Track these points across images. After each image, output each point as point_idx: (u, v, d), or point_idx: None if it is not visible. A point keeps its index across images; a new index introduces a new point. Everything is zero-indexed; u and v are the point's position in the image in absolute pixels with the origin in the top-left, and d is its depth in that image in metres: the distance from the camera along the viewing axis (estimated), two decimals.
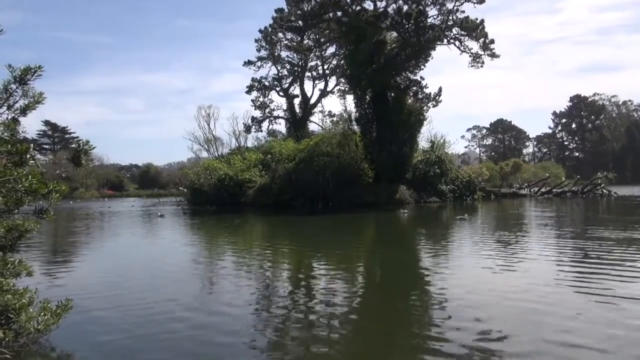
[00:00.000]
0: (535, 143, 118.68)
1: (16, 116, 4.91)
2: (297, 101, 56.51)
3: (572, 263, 9.55)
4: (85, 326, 5.85)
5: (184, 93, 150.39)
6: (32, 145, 4.78)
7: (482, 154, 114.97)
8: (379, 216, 24.71)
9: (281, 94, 57.01)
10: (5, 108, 4.84)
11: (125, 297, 7.42)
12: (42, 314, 4.83)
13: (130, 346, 5.17)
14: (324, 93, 56.98)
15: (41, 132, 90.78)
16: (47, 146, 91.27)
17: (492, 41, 35.42)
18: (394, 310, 6.61)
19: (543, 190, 47.26)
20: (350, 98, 41.91)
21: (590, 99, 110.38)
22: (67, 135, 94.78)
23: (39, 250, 13.49)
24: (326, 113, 56.38)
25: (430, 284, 8.17)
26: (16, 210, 4.76)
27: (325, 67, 56.81)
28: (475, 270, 9.02)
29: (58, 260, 12.43)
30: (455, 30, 35.59)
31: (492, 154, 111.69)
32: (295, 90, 56.90)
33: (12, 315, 4.60)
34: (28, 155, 4.59)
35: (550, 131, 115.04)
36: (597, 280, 7.77)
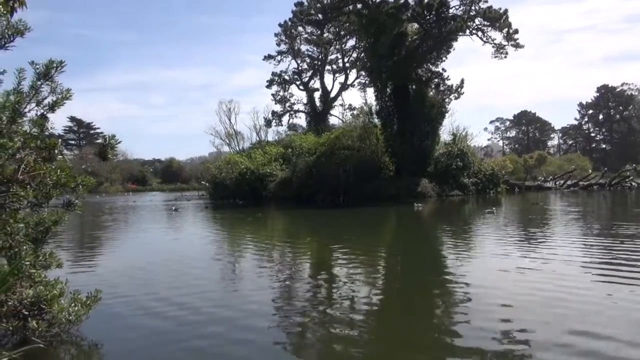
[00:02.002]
0: (560, 135, 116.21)
1: (45, 112, 5.02)
2: (317, 95, 56.52)
3: (598, 258, 9.31)
4: (112, 317, 5.97)
5: (205, 88, 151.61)
6: (60, 140, 4.88)
7: (505, 147, 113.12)
8: (399, 210, 24.54)
9: (301, 87, 57.05)
10: (34, 104, 4.94)
11: (149, 290, 7.53)
12: (72, 304, 4.95)
13: (154, 338, 5.27)
14: (344, 86, 56.82)
15: (67, 128, 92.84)
16: (73, 142, 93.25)
17: (516, 31, 34.75)
18: (416, 305, 6.56)
19: (569, 183, 46.34)
20: (370, 91, 41.76)
21: (618, 89, 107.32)
22: (92, 131, 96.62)
23: (66, 243, 13.82)
24: (346, 106, 56.30)
25: (452, 277, 8.09)
26: (45, 204, 4.87)
27: (346, 60, 56.65)
28: (498, 264, 8.87)
29: (85, 252, 12.72)
30: (478, 21, 35.00)
31: (516, 146, 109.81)
32: (316, 83, 56.91)
33: (44, 306, 4.73)
34: (56, 150, 4.70)
35: (576, 123, 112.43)
36: (624, 274, 7.59)
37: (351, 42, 54.34)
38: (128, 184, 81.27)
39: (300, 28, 53.86)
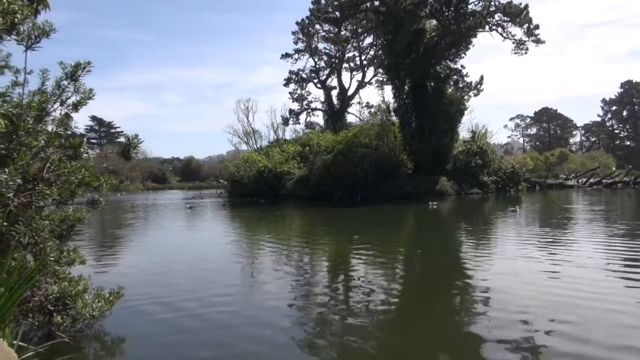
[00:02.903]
0: (582, 132, 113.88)
1: (69, 112, 5.11)
2: (334, 93, 56.49)
3: (622, 259, 9.10)
4: (134, 313, 6.06)
5: (222, 87, 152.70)
6: (85, 139, 4.97)
7: (526, 144, 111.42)
8: (416, 208, 24.34)
9: (319, 85, 57.05)
10: (58, 104, 5.04)
11: (169, 287, 7.65)
12: (96, 300, 5.05)
13: (175, 334, 5.35)
14: (361, 84, 56.63)
15: (88, 127, 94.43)
16: (94, 140, 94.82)
17: (537, 26, 34.13)
18: (435, 307, 6.49)
19: (592, 181, 45.43)
20: (388, 89, 41.42)
21: None
22: (113, 130, 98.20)
23: (87, 240, 14.07)
24: (364, 104, 56.01)
25: (471, 279, 8.00)
26: (70, 201, 4.97)
27: (363, 57, 56.43)
28: (519, 266, 8.74)
29: (105, 250, 12.94)
30: (497, 16, 34.45)
31: (537, 143, 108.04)
32: (333, 81, 56.86)
33: (69, 302, 4.83)
34: (82, 149, 4.79)
35: (599, 119, 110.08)
36: None
37: (369, 40, 54.21)
38: (148, 182, 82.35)
39: (317, 26, 53.81)
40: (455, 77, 36.35)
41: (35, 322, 4.81)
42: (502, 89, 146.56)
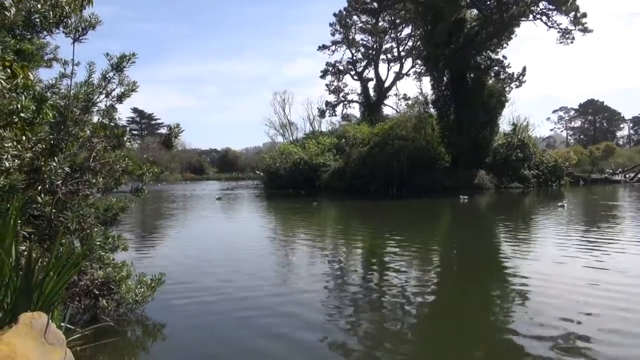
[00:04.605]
0: (631, 125, 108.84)
1: (113, 103, 5.25)
2: (371, 84, 56.03)
3: None
4: (174, 299, 6.21)
5: (258, 79, 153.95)
6: (128, 129, 5.12)
7: (569, 137, 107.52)
8: (451, 202, 23.86)
9: (355, 77, 56.73)
10: (103, 96, 5.18)
11: (208, 275, 7.81)
12: (138, 286, 5.20)
13: (214, 318, 5.49)
14: (399, 76, 55.95)
15: (130, 119, 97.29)
16: (135, 132, 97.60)
17: (584, 14, 32.69)
18: (470, 305, 6.30)
19: None
20: (426, 80, 40.87)
21: None
22: (153, 122, 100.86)
23: (128, 228, 14.52)
24: (401, 96, 55.40)
25: (508, 277, 7.77)
26: (115, 190, 5.12)
27: (401, 49, 55.71)
28: (559, 265, 8.41)
29: (146, 238, 13.32)
30: (542, 5, 33.21)
31: (581, 137, 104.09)
32: (370, 73, 56.40)
33: (113, 287, 5.00)
34: (124, 138, 4.92)
35: None
36: None
37: (407, 31, 53.34)
38: (186, 173, 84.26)
39: (355, 17, 53.37)
40: (496, 68, 35.36)
41: (81, 305, 5.00)
42: (545, 81, 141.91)
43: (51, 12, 4.19)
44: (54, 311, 4.00)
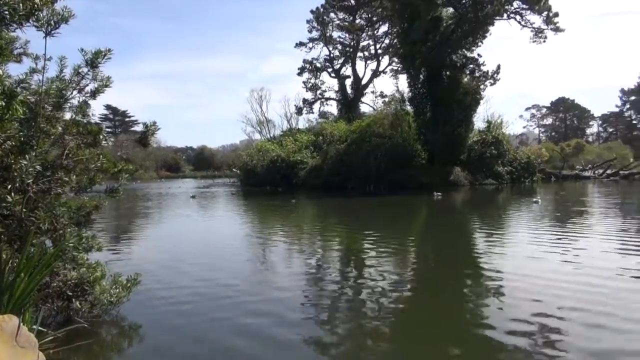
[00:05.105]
0: (600, 122, 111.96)
1: (87, 99, 5.12)
2: (348, 82, 56.13)
3: (634, 254, 8.84)
4: (149, 299, 6.10)
5: (236, 76, 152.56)
6: (104, 126, 5.00)
7: (541, 134, 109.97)
8: (427, 199, 24.11)
9: (332, 75, 56.76)
10: (76, 91, 5.05)
11: (184, 274, 7.71)
12: (114, 287, 5.09)
13: (190, 319, 5.38)
14: (376, 73, 56.19)
15: (103, 116, 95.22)
16: (109, 129, 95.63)
17: (557, 14, 33.39)
18: (446, 301, 6.36)
19: (608, 172, 44.75)
20: (403, 78, 41.08)
21: None
22: (127, 119, 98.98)
23: (103, 228, 14.23)
24: (378, 94, 55.58)
25: (483, 273, 7.90)
26: (89, 189, 5.00)
27: (378, 46, 55.90)
28: (531, 260, 8.57)
29: (119, 237, 13.09)
30: (516, 4, 33.80)
31: (553, 134, 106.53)
32: (347, 71, 56.51)
33: (87, 288, 4.88)
34: (101, 136, 4.80)
35: (617, 110, 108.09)
36: None
37: (384, 28, 53.54)
38: (162, 171, 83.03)
39: (332, 14, 53.46)
40: (471, 66, 35.83)
41: (54, 307, 4.87)
42: (519, 79, 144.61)
43: (21, 5, 4.04)
44: (26, 313, 3.89)
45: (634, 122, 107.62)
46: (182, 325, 5.17)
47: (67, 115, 5.08)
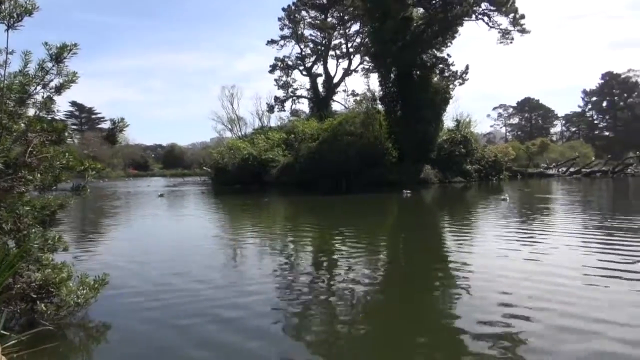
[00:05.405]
0: (563, 122, 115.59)
1: (51, 95, 4.96)
2: (320, 80, 56.19)
3: (596, 251, 9.07)
4: (118, 300, 5.97)
5: (207, 73, 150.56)
6: (69, 122, 4.85)
7: (508, 134, 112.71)
8: (397, 197, 24.36)
9: (304, 73, 56.70)
10: (40, 87, 4.89)
11: (151, 275, 7.56)
12: (80, 288, 4.95)
13: (159, 321, 5.29)
14: (347, 72, 56.42)
15: (69, 113, 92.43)
16: (74, 127, 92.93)
17: (523, 16, 34.35)
18: (416, 300, 6.39)
19: (572, 170, 46.23)
20: (374, 77, 41.45)
21: (623, 76, 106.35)
22: (94, 116, 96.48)
23: (70, 227, 13.84)
24: (349, 92, 55.87)
25: (450, 266, 8.04)
26: (54, 187, 4.85)
27: (349, 45, 56.14)
28: (499, 258, 8.74)
29: (86, 237, 12.76)
30: (484, 5, 34.59)
31: (519, 133, 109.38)
32: (319, 69, 56.55)
33: (52, 290, 4.73)
34: (66, 133, 4.66)
35: (579, 110, 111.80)
36: (616, 263, 7.59)
37: (355, 27, 53.83)
38: (130, 169, 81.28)
39: (304, 12, 53.41)
40: (441, 65, 36.44)
41: (17, 310, 4.71)
42: (487, 79, 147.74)
43: None
44: None
45: (595, 122, 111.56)
46: (150, 326, 5.08)
47: (31, 112, 4.92)
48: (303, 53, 56.16)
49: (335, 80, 56.25)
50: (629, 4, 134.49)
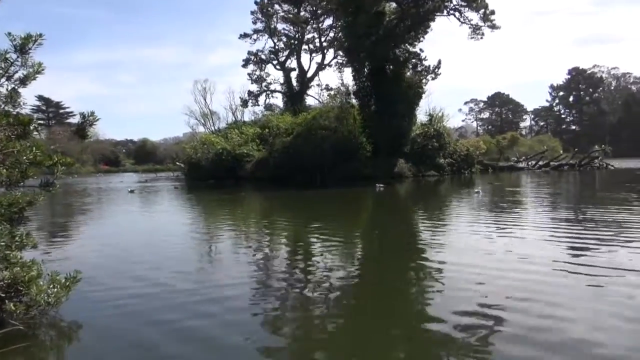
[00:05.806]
0: (532, 116, 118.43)
1: (16, 87, 4.80)
2: (294, 74, 55.96)
3: (566, 242, 9.31)
4: (90, 298, 5.84)
5: (180, 67, 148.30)
6: (35, 116, 4.70)
7: (479, 128, 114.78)
8: (371, 191, 24.49)
9: (278, 67, 56.36)
10: (4, 79, 4.72)
11: (124, 272, 7.44)
12: (51, 286, 4.81)
13: (132, 319, 5.22)
14: (321, 66, 56.31)
15: (35, 107, 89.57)
16: (41, 121, 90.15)
17: (493, 12, 34.89)
18: (391, 294, 6.44)
19: (540, 163, 47.38)
20: (348, 71, 41.37)
21: (589, 71, 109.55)
22: (62, 110, 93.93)
23: (39, 225, 13.46)
24: (323, 87, 55.76)
25: (424, 259, 8.15)
26: (22, 183, 4.69)
27: (323, 39, 56.01)
28: (469, 250, 8.88)
29: (58, 235, 12.44)
30: (455, 1, 34.97)
31: (489, 127, 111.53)
32: (292, 63, 56.29)
33: (22, 288, 4.59)
34: (31, 127, 4.50)
35: (547, 104, 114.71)
36: (588, 257, 7.83)
37: (328, 22, 53.69)
38: (100, 165, 79.46)
39: (276, 6, 53.03)
40: (414, 60, 36.68)
41: None
42: (458, 73, 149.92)
43: None
44: None
45: (563, 116, 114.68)
46: (124, 326, 4.98)
47: None
48: (276, 47, 55.85)
49: (309, 74, 56.18)
50: (594, 0, 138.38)
